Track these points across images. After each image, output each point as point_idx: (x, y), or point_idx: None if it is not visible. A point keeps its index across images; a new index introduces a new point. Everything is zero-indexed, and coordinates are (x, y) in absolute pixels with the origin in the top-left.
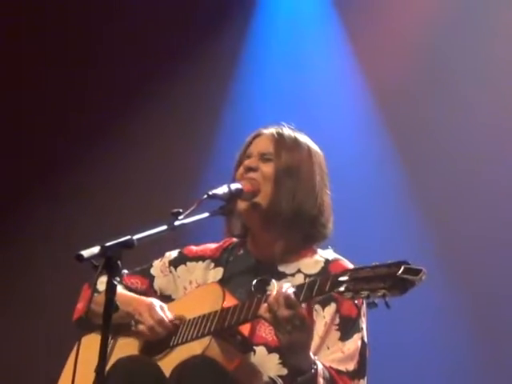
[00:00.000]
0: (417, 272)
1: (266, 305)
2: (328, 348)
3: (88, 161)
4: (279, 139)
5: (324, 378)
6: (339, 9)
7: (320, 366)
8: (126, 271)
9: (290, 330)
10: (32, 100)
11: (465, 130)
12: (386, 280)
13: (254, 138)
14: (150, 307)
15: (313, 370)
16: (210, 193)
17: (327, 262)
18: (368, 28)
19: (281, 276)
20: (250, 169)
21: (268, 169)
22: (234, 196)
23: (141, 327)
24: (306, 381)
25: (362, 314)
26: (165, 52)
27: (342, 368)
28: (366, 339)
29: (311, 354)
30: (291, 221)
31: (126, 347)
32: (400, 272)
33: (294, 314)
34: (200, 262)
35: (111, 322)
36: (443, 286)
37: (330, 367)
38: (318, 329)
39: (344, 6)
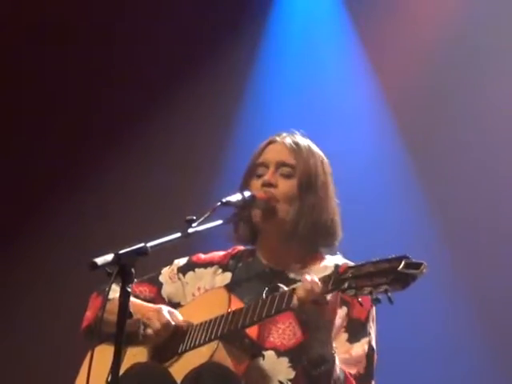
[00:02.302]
0: (418, 266)
1: (296, 296)
2: (336, 349)
3: (101, 169)
4: (297, 150)
5: (339, 368)
6: (352, 11)
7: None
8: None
9: (320, 323)
10: (46, 105)
11: (480, 133)
12: (388, 275)
13: (268, 144)
14: (159, 312)
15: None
16: (224, 200)
17: (337, 266)
18: (380, 30)
19: (291, 283)
20: (269, 184)
21: (289, 186)
22: (247, 203)
23: (149, 331)
24: (328, 370)
25: (371, 318)
26: (178, 57)
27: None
28: (373, 344)
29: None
30: (308, 233)
31: (135, 355)
32: (401, 267)
33: (318, 306)
34: (208, 268)
35: (125, 329)
36: (452, 287)
37: None
38: None
39: (357, 8)
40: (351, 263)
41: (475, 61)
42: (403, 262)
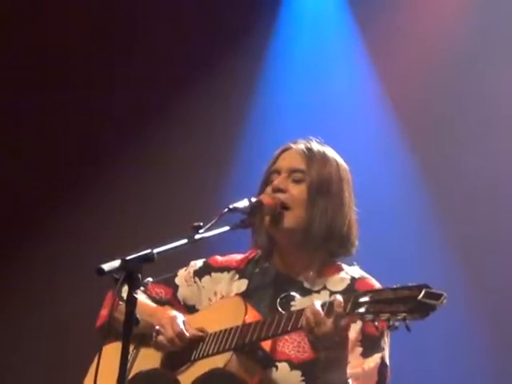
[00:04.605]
0: (438, 296)
1: (306, 318)
2: (349, 362)
3: (109, 175)
4: (309, 156)
5: None
6: (358, 12)
7: None
8: (150, 279)
9: (329, 346)
10: (53, 116)
11: (492, 141)
12: (407, 303)
13: (283, 151)
14: (173, 320)
15: None
16: (231, 206)
17: (353, 279)
18: (386, 32)
19: (306, 292)
20: (278, 190)
21: (298, 191)
22: (254, 209)
23: (161, 338)
24: None
25: (385, 334)
26: (185, 60)
27: None
28: (387, 360)
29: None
30: (322, 240)
31: (148, 358)
32: (421, 296)
33: (334, 330)
34: (225, 273)
35: (131, 335)
36: (465, 306)
37: None
38: None
39: (362, 9)
40: (367, 275)
41: (481, 62)
42: (423, 291)
